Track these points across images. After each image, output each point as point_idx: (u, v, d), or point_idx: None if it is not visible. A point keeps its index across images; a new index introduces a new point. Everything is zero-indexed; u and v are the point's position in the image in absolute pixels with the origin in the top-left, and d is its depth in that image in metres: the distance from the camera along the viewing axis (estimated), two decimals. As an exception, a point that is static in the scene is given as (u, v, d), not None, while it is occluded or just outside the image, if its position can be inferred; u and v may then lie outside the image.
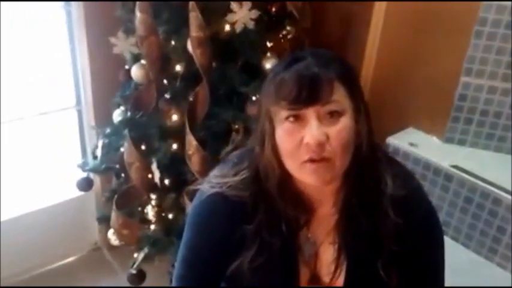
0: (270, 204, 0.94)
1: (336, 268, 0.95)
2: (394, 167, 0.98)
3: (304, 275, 0.98)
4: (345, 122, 0.86)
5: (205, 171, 1.48)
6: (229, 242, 0.96)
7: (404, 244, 0.93)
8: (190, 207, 1.05)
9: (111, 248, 2.33)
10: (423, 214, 0.99)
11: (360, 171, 0.92)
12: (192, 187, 1.08)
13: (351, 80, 0.88)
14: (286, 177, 0.92)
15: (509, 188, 1.80)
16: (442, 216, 1.96)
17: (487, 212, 1.84)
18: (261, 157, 0.93)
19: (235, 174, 0.97)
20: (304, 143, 0.84)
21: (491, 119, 1.99)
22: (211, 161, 1.65)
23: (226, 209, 0.97)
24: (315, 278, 0.98)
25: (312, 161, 0.85)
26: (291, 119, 0.86)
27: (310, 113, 0.84)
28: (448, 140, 2.07)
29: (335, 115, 0.85)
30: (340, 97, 0.86)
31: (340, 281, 0.96)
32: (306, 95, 0.83)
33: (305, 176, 0.88)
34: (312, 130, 0.84)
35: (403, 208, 0.93)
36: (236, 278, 0.96)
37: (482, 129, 2.02)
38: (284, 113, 0.86)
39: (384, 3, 2.08)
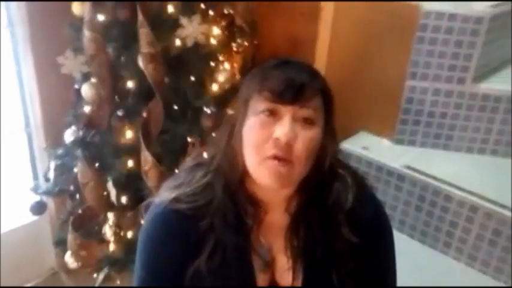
0: (224, 200, 0.93)
1: (293, 276, 0.96)
2: (355, 181, 1.00)
3: (261, 280, 0.97)
4: (316, 132, 0.88)
5: (163, 187, 1.47)
6: (187, 254, 0.95)
7: (359, 258, 0.96)
8: (143, 222, 1.03)
9: (69, 272, 2.26)
10: (377, 227, 1.02)
11: (317, 183, 0.93)
12: (145, 203, 1.07)
13: (329, 99, 0.92)
14: (244, 173, 0.92)
15: (459, 184, 1.89)
16: (397, 216, 2.02)
17: (440, 208, 1.91)
18: (225, 149, 0.93)
19: (191, 182, 0.97)
20: (274, 137, 0.85)
21: (437, 119, 2.08)
22: (168, 176, 1.64)
23: (179, 223, 0.96)
24: (272, 281, 0.99)
25: (274, 158, 0.85)
26: (267, 113, 0.87)
27: (287, 112, 0.86)
28: (399, 142, 2.15)
29: (308, 122, 0.88)
30: (317, 107, 0.89)
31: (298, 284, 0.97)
32: (290, 92, 0.86)
33: (263, 174, 0.88)
34: (285, 127, 0.85)
35: (357, 223, 0.96)
36: (195, 283, 0.95)
37: (430, 130, 2.11)
38: (262, 105, 0.87)
39: (330, 13, 2.14)
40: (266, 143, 0.86)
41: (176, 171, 1.72)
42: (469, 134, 2.07)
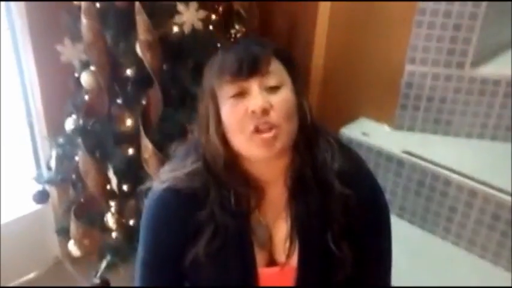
0: (220, 188, 0.96)
1: (290, 246, 0.97)
2: (338, 143, 1.02)
3: (260, 259, 1.00)
4: (286, 93, 0.92)
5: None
6: (186, 237, 0.97)
7: (352, 215, 0.97)
8: (144, 207, 1.05)
9: (73, 260, 2.29)
10: (368, 185, 1.03)
11: (307, 146, 0.96)
12: (143, 187, 1.08)
13: (286, 58, 0.95)
14: (232, 158, 0.95)
15: (458, 169, 1.89)
16: (397, 201, 2.03)
17: (439, 193, 1.92)
18: (205, 142, 0.96)
19: (185, 167, 0.99)
20: (250, 111, 0.88)
21: (437, 104, 2.08)
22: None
23: (179, 204, 0.98)
24: (271, 258, 1.01)
25: (258, 131, 0.88)
26: (235, 94, 0.90)
27: (253, 85, 0.90)
28: (398, 127, 2.15)
29: (275, 88, 0.91)
30: (278, 70, 0.92)
31: (295, 258, 0.99)
32: (247, 67, 0.89)
33: (254, 149, 0.90)
34: (256, 98, 0.89)
35: (349, 181, 0.97)
36: (194, 268, 0.97)
37: (429, 115, 2.11)
38: (228, 89, 0.91)
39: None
40: (245, 120, 0.89)
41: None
42: (469, 118, 2.07)
